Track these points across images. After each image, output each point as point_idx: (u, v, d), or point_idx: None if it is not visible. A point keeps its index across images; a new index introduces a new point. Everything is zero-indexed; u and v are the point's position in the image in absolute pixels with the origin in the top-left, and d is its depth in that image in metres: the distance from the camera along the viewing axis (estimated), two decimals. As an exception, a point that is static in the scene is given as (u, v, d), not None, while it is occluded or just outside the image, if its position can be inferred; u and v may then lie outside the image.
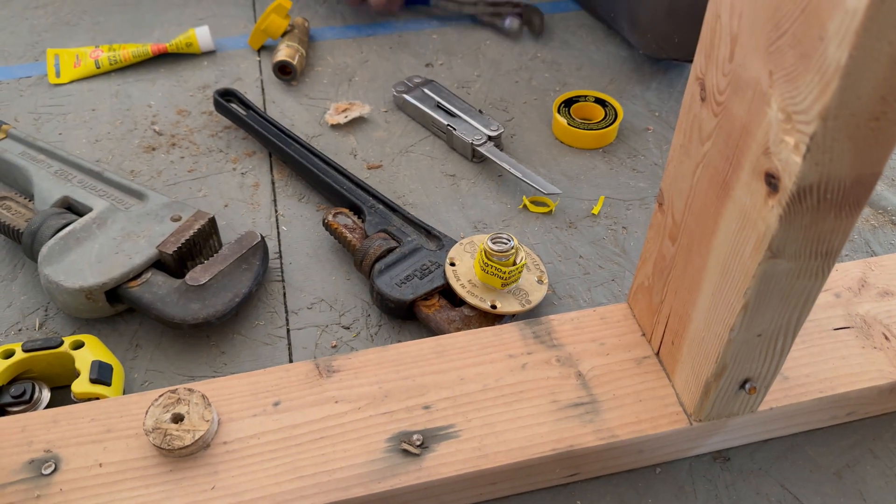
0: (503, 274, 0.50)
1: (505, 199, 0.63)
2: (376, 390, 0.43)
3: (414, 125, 0.70)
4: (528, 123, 0.70)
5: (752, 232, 0.33)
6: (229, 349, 0.51)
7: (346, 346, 0.51)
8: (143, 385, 0.49)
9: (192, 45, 0.76)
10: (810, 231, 0.32)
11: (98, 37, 0.80)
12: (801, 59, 0.28)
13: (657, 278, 0.43)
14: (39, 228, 0.53)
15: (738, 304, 0.35)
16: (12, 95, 0.72)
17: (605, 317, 0.48)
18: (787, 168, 0.30)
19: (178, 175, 0.64)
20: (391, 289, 0.51)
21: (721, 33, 0.33)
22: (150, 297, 0.50)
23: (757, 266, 0.33)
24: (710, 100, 0.35)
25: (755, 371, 0.40)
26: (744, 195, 0.33)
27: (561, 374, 0.44)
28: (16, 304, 0.54)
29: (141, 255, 0.52)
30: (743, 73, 0.32)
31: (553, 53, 0.79)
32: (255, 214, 0.61)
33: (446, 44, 0.80)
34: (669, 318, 0.43)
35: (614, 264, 0.57)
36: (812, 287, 0.35)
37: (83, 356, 0.46)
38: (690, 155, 0.37)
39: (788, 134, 0.29)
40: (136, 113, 0.70)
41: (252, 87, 0.74)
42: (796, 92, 0.28)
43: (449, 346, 0.46)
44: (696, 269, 0.38)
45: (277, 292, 0.55)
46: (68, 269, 0.50)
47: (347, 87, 0.74)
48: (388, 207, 0.58)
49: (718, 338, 0.37)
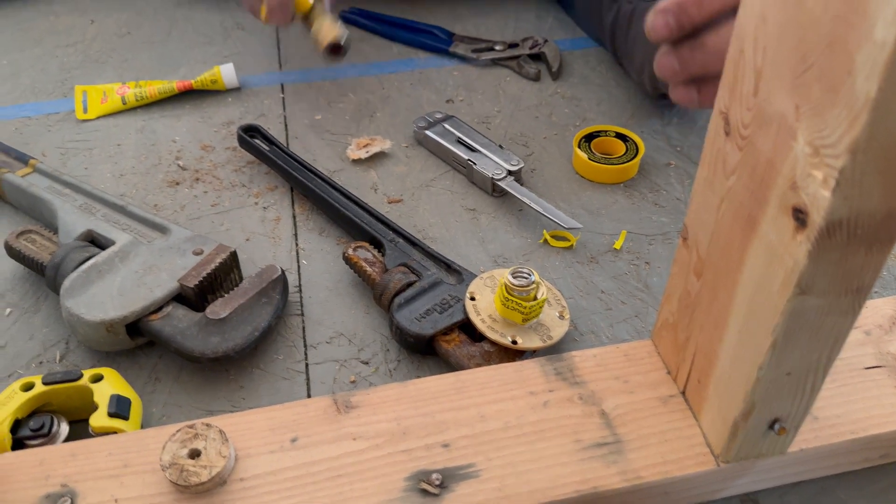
0: (524, 309, 0.49)
1: (525, 234, 0.62)
2: (395, 427, 0.43)
3: (434, 160, 0.70)
4: (549, 158, 0.70)
5: (779, 268, 0.32)
6: (248, 383, 0.51)
7: (364, 381, 0.51)
8: (162, 419, 0.49)
9: (217, 82, 0.77)
10: (840, 267, 0.31)
11: (125, 74, 0.82)
12: (828, 92, 0.27)
13: (682, 315, 0.43)
14: (62, 261, 0.53)
15: (766, 341, 0.34)
16: (41, 131, 0.73)
17: (628, 354, 0.47)
18: (815, 203, 0.29)
19: (201, 209, 0.65)
20: (410, 323, 0.51)
21: (745, 68, 0.33)
22: (170, 331, 0.50)
23: (785, 303, 0.32)
24: (734, 134, 0.34)
25: (784, 411, 0.39)
26: (770, 230, 0.33)
27: (584, 412, 0.43)
28: (38, 336, 0.54)
29: (162, 289, 0.52)
30: (768, 107, 0.31)
31: (573, 89, 0.79)
32: (276, 248, 0.61)
33: (467, 80, 0.81)
34: (695, 355, 0.42)
35: (637, 300, 0.57)
36: (843, 325, 0.34)
37: (102, 389, 0.46)
38: (715, 189, 0.37)
39: (816, 168, 0.29)
40: (160, 148, 0.71)
41: (275, 123, 0.75)
42: (824, 125, 0.28)
43: (469, 382, 0.45)
44: (723, 306, 0.38)
45: (297, 326, 0.55)
46: (90, 301, 0.50)
47: (369, 123, 0.75)
48: (408, 241, 0.58)
49: (746, 376, 0.37)
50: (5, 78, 0.81)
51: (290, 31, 0.89)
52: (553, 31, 0.89)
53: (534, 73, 0.80)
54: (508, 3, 0.94)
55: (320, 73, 0.82)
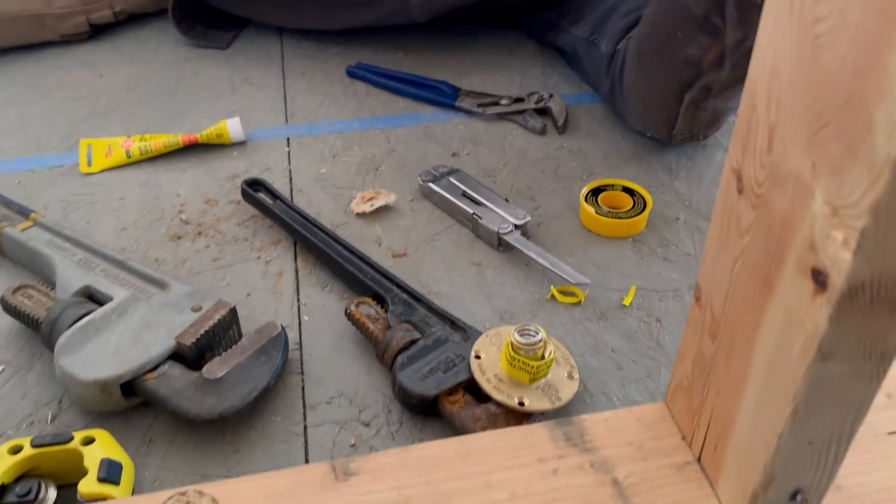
0: (531, 368, 0.48)
1: (532, 289, 0.61)
2: (396, 497, 0.40)
3: (440, 214, 0.69)
4: (555, 212, 0.69)
5: (799, 331, 0.31)
6: (244, 447, 0.49)
7: (365, 444, 0.49)
8: (155, 483, 0.47)
9: (223, 136, 0.77)
10: (863, 331, 0.30)
11: (131, 127, 0.82)
12: (847, 150, 0.26)
13: (697, 377, 0.41)
14: (58, 318, 0.52)
15: (786, 408, 0.33)
16: (44, 184, 0.73)
17: (641, 417, 0.45)
18: (835, 265, 0.28)
19: (202, 264, 0.64)
20: (414, 383, 0.49)
21: (757, 124, 0.32)
22: (165, 391, 0.48)
23: (806, 368, 0.31)
24: (747, 192, 0.33)
25: (806, 481, 0.36)
26: (789, 292, 0.31)
27: (595, 480, 0.41)
28: (30, 395, 0.52)
29: (159, 347, 0.50)
30: (783, 164, 0.30)
31: (579, 143, 0.79)
32: (277, 304, 0.60)
33: (472, 134, 0.81)
34: (711, 420, 0.40)
35: (649, 359, 0.55)
36: (867, 391, 0.32)
37: (92, 453, 0.45)
38: (728, 248, 0.35)
39: (836, 228, 0.27)
40: (164, 202, 0.71)
41: (280, 177, 0.74)
42: (843, 185, 0.27)
43: (474, 448, 0.43)
44: (740, 370, 0.36)
45: (296, 385, 0.53)
46: (84, 360, 0.49)
47: (374, 177, 0.74)
48: (412, 297, 0.57)
49: (766, 444, 0.35)
50: (12, 131, 0.82)
51: (297, 84, 0.90)
52: (559, 87, 0.89)
53: (540, 128, 0.80)
54: (514, 58, 0.95)
55: (326, 126, 0.82)
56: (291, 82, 0.90)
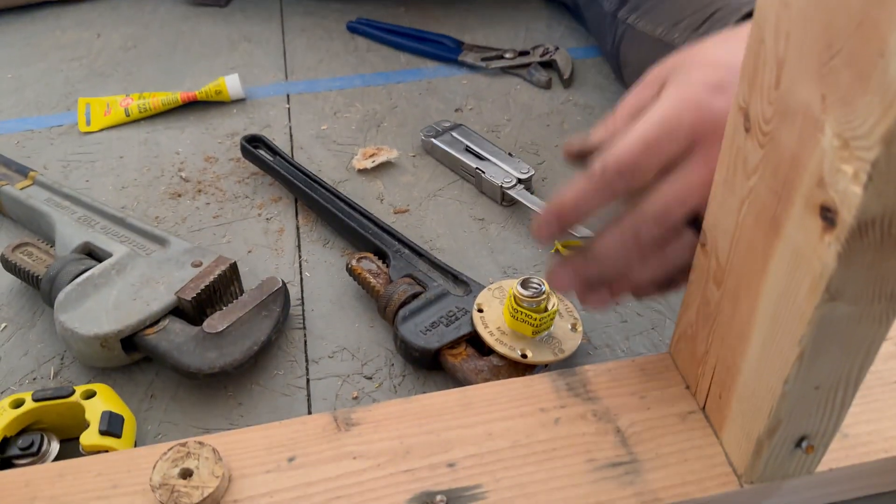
0: (534, 321, 0.47)
1: (536, 244, 0.60)
2: (397, 445, 0.40)
3: (442, 169, 0.68)
4: (560, 167, 0.68)
5: (806, 273, 0.30)
6: (247, 400, 0.49)
7: (367, 397, 0.49)
8: (157, 437, 0.47)
9: (222, 93, 0.76)
10: (873, 271, 0.29)
11: (130, 86, 0.81)
12: (859, 78, 0.25)
13: (701, 326, 0.40)
14: (58, 275, 0.51)
15: (792, 353, 0.32)
16: (43, 144, 0.72)
17: (644, 368, 0.44)
18: (845, 200, 0.27)
19: (202, 221, 0.63)
20: (415, 336, 0.49)
21: (765, 58, 0.30)
22: (166, 346, 0.48)
23: (813, 311, 0.30)
24: (754, 130, 0.32)
25: (812, 428, 0.36)
26: (796, 232, 0.30)
27: (597, 430, 0.41)
28: (32, 352, 0.52)
29: (159, 302, 0.50)
30: (791, 99, 0.29)
31: (585, 97, 0.77)
32: (278, 260, 0.59)
33: (476, 89, 0.79)
34: (716, 369, 0.39)
35: (654, 311, 0.54)
36: (875, 334, 0.32)
37: (94, 406, 0.44)
38: (735, 191, 0.35)
39: (846, 162, 0.26)
40: (163, 160, 0.70)
41: (280, 134, 0.73)
42: (854, 115, 0.26)
43: (476, 398, 0.43)
44: (745, 315, 0.35)
45: (298, 340, 0.53)
46: (84, 316, 0.49)
47: (376, 133, 0.73)
48: (413, 252, 0.56)
49: (771, 391, 0.34)
50: (10, 92, 0.81)
51: (296, 41, 0.88)
52: (564, 40, 0.87)
53: (545, 81, 0.78)
54: (518, 12, 0.93)
55: (326, 83, 0.81)
56: (291, 39, 0.89)
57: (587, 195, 0.40)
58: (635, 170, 0.38)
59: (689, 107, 0.38)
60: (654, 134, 0.38)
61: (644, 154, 0.38)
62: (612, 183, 0.39)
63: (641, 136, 0.38)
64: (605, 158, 0.39)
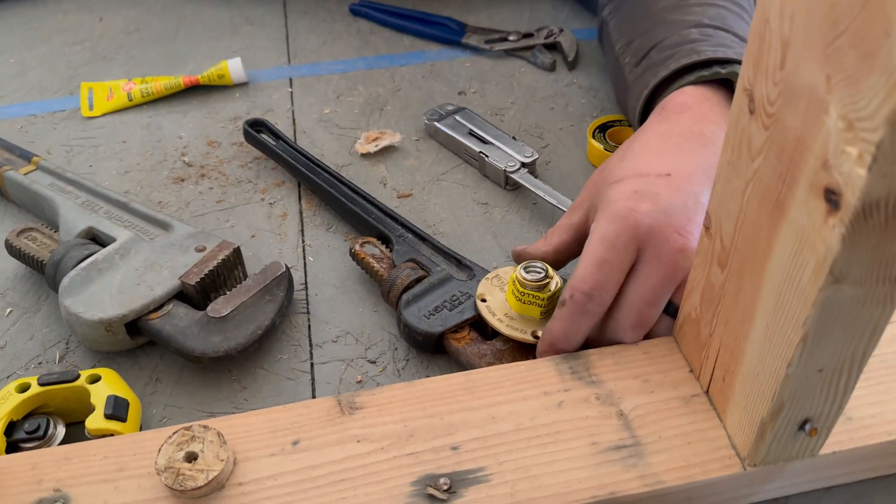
0: (542, 302, 0.47)
1: (540, 227, 0.60)
2: (401, 429, 0.40)
3: (446, 153, 0.68)
4: (564, 150, 0.68)
5: (810, 255, 0.30)
6: (251, 384, 0.49)
7: (371, 381, 0.49)
8: (162, 421, 0.47)
9: (224, 77, 0.76)
10: (877, 253, 0.29)
11: (132, 70, 0.81)
12: (864, 58, 0.25)
13: (705, 309, 0.40)
14: (62, 259, 0.52)
15: (796, 335, 0.32)
16: (46, 129, 0.72)
17: (648, 351, 0.44)
18: (849, 182, 0.27)
19: (206, 206, 0.63)
20: (419, 321, 0.49)
21: (770, 39, 0.30)
22: (170, 330, 0.48)
23: (817, 293, 0.30)
24: (759, 112, 0.32)
25: (816, 410, 0.36)
26: (800, 214, 0.30)
27: (601, 413, 0.41)
28: (37, 336, 0.53)
29: (163, 287, 0.50)
30: (796, 80, 0.29)
31: (590, 79, 0.77)
32: (282, 245, 0.59)
33: (479, 72, 0.79)
34: (720, 352, 0.39)
35: (657, 295, 0.54)
36: (879, 316, 0.32)
37: (99, 390, 0.45)
38: (739, 173, 0.34)
39: (850, 144, 0.26)
40: (166, 144, 0.70)
41: (283, 118, 0.73)
42: (859, 96, 0.25)
43: (479, 381, 0.43)
44: (749, 298, 0.35)
45: (302, 325, 0.53)
46: (88, 300, 0.49)
47: (379, 117, 0.73)
48: (417, 236, 0.56)
49: (775, 373, 0.34)
50: (12, 77, 0.81)
51: (299, 23, 0.88)
52: (569, 21, 0.86)
53: (549, 64, 0.78)
54: (522, -7, 0.92)
55: (329, 66, 0.80)
56: (293, 22, 0.88)
57: (569, 323, 0.44)
58: (599, 288, 0.43)
59: (618, 221, 0.44)
60: (601, 253, 0.43)
61: (600, 273, 0.43)
62: (585, 305, 0.43)
63: (591, 259, 0.43)
64: (570, 286, 0.44)
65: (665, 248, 0.43)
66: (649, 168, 0.47)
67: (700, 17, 0.58)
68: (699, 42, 0.55)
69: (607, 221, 0.44)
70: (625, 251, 0.43)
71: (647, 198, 0.44)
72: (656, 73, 0.56)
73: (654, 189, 0.45)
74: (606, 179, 0.48)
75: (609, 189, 0.47)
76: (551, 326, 0.45)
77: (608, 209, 0.45)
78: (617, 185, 0.46)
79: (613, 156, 0.51)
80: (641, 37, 0.61)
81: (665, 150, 0.49)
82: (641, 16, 0.62)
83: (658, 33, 0.59)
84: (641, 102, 0.58)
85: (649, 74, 0.57)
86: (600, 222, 0.45)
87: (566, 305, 0.44)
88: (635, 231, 0.43)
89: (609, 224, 0.44)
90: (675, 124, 0.51)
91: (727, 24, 0.57)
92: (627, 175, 0.47)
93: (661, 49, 0.58)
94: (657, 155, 0.48)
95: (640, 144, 0.50)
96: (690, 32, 0.57)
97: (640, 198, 0.44)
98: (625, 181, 0.46)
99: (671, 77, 0.56)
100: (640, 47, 0.60)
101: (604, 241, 0.43)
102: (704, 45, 0.54)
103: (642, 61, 0.59)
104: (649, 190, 0.45)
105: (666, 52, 0.57)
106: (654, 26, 0.60)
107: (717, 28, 0.57)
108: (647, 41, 0.60)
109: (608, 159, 0.52)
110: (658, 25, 0.60)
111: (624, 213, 0.44)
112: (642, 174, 0.46)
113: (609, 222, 0.44)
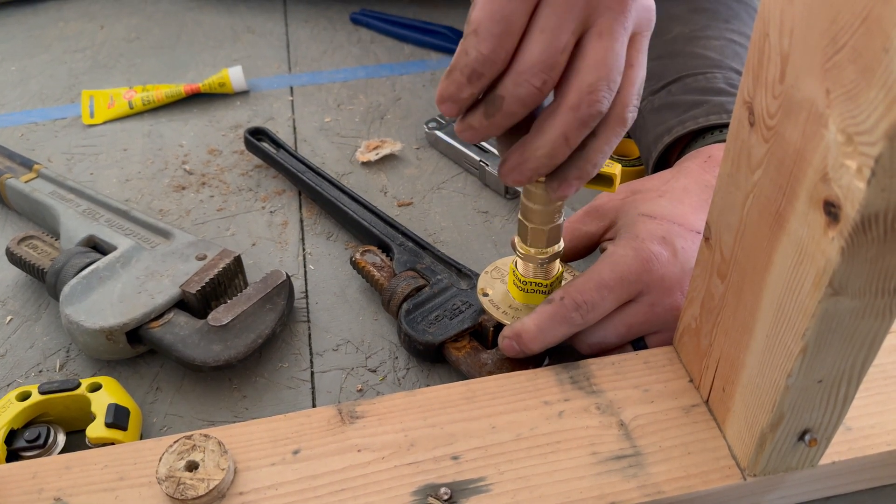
0: (545, 287, 0.47)
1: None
2: (402, 438, 0.40)
3: (446, 162, 0.68)
4: (564, 159, 0.68)
5: (810, 267, 0.30)
6: (251, 393, 0.49)
7: (372, 390, 0.49)
8: (162, 430, 0.47)
9: (225, 85, 0.76)
10: (876, 265, 0.29)
11: (133, 78, 0.81)
12: (863, 73, 0.25)
13: (705, 319, 0.40)
14: (63, 267, 0.52)
15: (796, 347, 0.32)
16: (47, 136, 0.72)
17: (648, 361, 0.44)
18: (848, 195, 0.27)
19: (206, 214, 0.63)
20: (419, 330, 0.49)
21: (770, 53, 0.30)
22: (171, 339, 0.48)
23: (816, 305, 0.30)
24: (759, 125, 0.32)
25: (815, 421, 0.36)
26: (800, 227, 0.30)
27: (601, 423, 0.41)
28: (38, 344, 0.53)
29: (164, 295, 0.50)
30: (796, 93, 0.29)
31: (589, 88, 0.77)
32: (282, 253, 0.59)
33: (480, 80, 0.79)
34: (720, 362, 0.39)
35: (656, 304, 0.54)
36: (878, 328, 0.32)
37: (100, 399, 0.45)
38: (739, 185, 0.35)
39: (849, 157, 0.26)
40: (167, 153, 0.70)
41: (284, 126, 0.73)
42: (858, 111, 0.26)
43: (480, 391, 0.43)
44: (749, 309, 0.35)
45: (302, 333, 0.53)
46: (89, 309, 0.49)
47: (379, 125, 0.73)
48: (417, 245, 0.56)
49: (774, 384, 0.34)
50: (14, 84, 0.81)
51: (300, 32, 0.88)
52: (568, 31, 0.87)
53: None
54: (522, 2, 0.92)
55: (330, 74, 0.81)
56: (294, 30, 0.89)
57: (547, 323, 0.44)
58: (590, 306, 0.43)
59: (638, 261, 0.44)
60: (612, 282, 0.44)
61: (598, 294, 0.44)
62: (569, 313, 0.43)
63: (596, 280, 0.44)
64: (564, 290, 0.44)
65: (663, 301, 0.45)
66: (684, 220, 0.47)
67: (720, 57, 0.57)
68: (727, 97, 0.54)
69: (626, 254, 0.45)
70: (630, 287, 0.44)
71: (671, 247, 0.45)
72: (682, 123, 0.55)
73: (681, 242, 0.45)
74: (638, 208, 0.48)
75: (639, 221, 0.47)
76: (526, 319, 0.45)
77: (633, 243, 0.45)
78: (649, 221, 0.46)
79: (650, 182, 0.50)
80: (655, 61, 0.59)
81: (704, 207, 0.48)
82: (652, 38, 0.63)
83: (676, 66, 0.58)
84: (663, 146, 0.56)
85: (670, 115, 0.56)
86: (619, 251, 0.45)
87: (552, 305, 0.44)
88: (648, 275, 0.44)
89: (627, 258, 0.44)
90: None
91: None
92: (662, 216, 0.47)
93: (685, 88, 0.56)
94: (695, 209, 0.48)
95: (681, 188, 0.49)
96: (716, 77, 0.55)
97: (666, 245, 0.45)
98: (658, 221, 0.46)
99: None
100: (654, 73, 0.58)
101: (615, 269, 0.44)
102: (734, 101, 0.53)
103: (660, 92, 0.58)
104: (676, 241, 0.45)
105: (692, 95, 0.56)
106: (673, 57, 0.59)
107: (738, 73, 0.56)
108: (663, 70, 0.59)
109: (643, 181, 0.51)
110: (677, 57, 0.59)
111: (647, 255, 0.44)
112: (676, 223, 0.46)
113: (628, 256, 0.44)
